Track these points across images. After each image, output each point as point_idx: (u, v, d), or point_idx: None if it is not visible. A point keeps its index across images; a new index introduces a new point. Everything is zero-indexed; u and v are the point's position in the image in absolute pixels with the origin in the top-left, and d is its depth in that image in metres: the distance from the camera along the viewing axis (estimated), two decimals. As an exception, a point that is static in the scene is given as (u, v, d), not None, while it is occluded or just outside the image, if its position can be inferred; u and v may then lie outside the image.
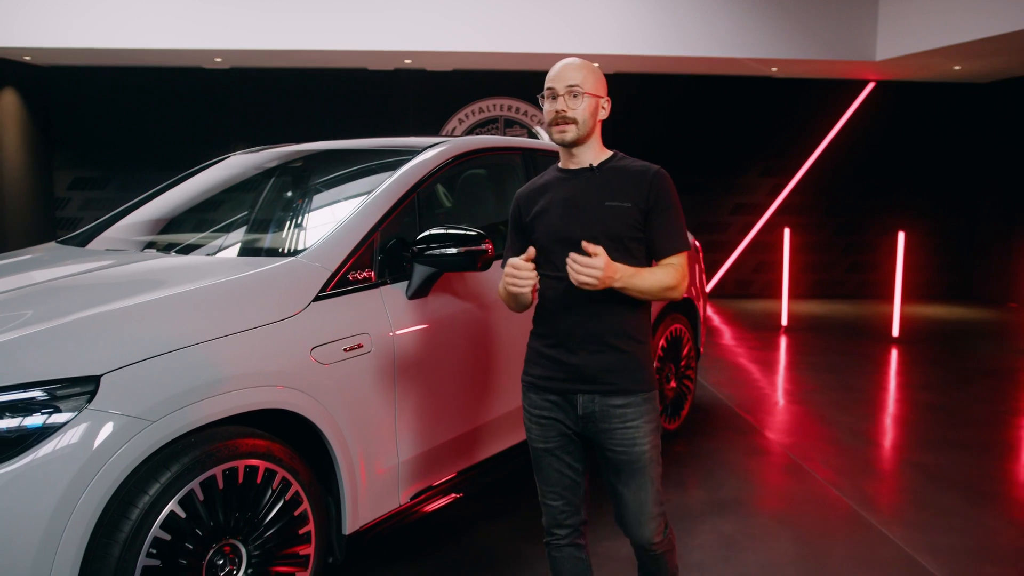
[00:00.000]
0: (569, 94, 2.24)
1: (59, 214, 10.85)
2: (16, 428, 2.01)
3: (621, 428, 2.23)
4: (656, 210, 2.24)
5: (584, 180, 2.29)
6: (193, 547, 2.23)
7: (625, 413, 2.23)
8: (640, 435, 2.23)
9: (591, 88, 2.26)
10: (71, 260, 3.05)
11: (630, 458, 2.23)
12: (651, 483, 2.26)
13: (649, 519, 2.26)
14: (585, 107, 2.25)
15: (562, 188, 2.31)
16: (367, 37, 8.98)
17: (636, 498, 2.26)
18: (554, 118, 2.25)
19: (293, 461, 2.49)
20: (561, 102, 2.24)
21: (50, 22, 8.80)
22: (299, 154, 3.85)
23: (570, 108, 2.24)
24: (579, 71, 2.25)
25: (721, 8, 9.18)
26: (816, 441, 4.87)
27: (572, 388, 2.26)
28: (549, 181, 2.37)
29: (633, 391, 2.24)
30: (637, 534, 2.29)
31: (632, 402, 2.23)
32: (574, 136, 2.26)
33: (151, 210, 3.75)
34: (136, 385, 2.13)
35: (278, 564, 2.46)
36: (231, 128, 10.67)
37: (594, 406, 2.24)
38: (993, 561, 3.30)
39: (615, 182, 2.27)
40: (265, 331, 2.47)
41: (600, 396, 2.23)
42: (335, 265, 2.75)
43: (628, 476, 2.25)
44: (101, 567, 2.05)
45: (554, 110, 2.25)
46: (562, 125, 2.25)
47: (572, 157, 2.33)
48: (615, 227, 2.22)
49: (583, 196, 2.27)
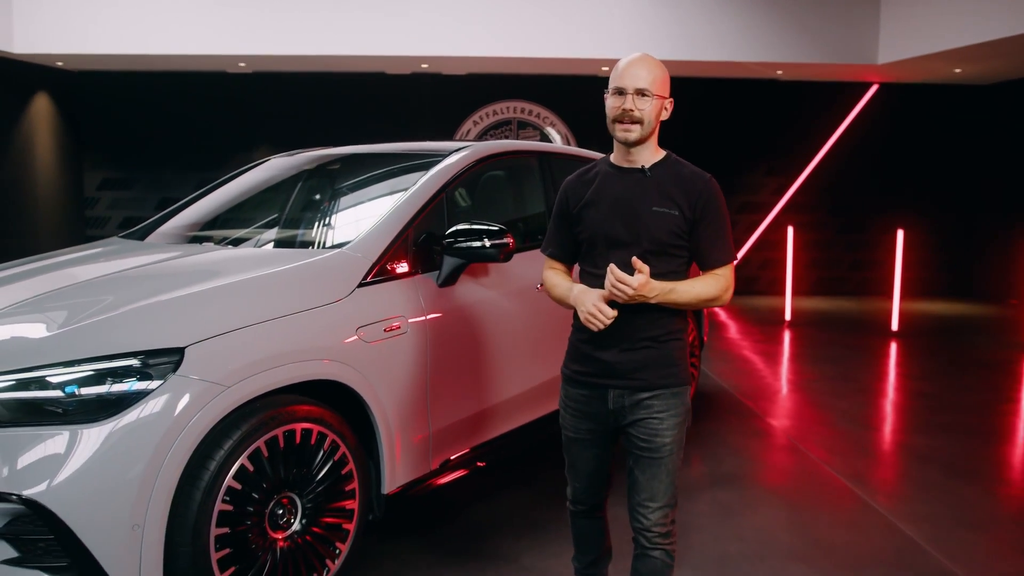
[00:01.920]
0: (638, 94, 2.23)
1: (88, 213, 11.27)
2: (117, 390, 2.38)
3: (647, 418, 2.28)
4: (704, 221, 2.25)
5: (634, 181, 2.29)
6: (258, 496, 2.60)
7: (653, 405, 2.28)
8: (664, 428, 2.29)
9: (659, 90, 2.25)
10: (139, 252, 3.42)
11: (651, 447, 2.30)
12: (667, 474, 2.31)
13: (657, 507, 2.32)
14: (651, 108, 2.24)
15: (611, 185, 2.31)
16: (385, 43, 9.36)
17: (649, 485, 2.32)
18: (620, 115, 2.24)
19: (341, 427, 2.85)
20: (629, 101, 2.22)
21: (81, 30, 9.22)
22: (335, 157, 4.21)
23: (638, 108, 2.22)
24: (650, 72, 2.24)
25: (727, 14, 9.51)
26: (812, 424, 5.20)
27: (603, 383, 2.32)
28: (598, 174, 2.37)
29: (662, 386, 2.29)
30: (640, 517, 2.34)
31: (661, 395, 2.28)
32: (638, 136, 2.25)
33: (201, 208, 4.11)
34: (213, 356, 2.50)
35: (327, 516, 2.82)
36: (254, 130, 11.07)
37: (624, 400, 2.30)
38: (967, 527, 3.63)
39: (665, 187, 2.26)
40: (317, 312, 2.83)
41: (629, 392, 2.29)
42: (375, 256, 3.11)
43: (646, 463, 2.31)
44: (186, 508, 2.42)
45: (621, 107, 2.23)
46: (627, 124, 2.24)
47: (628, 155, 2.32)
48: (659, 233, 2.22)
49: (631, 197, 2.27)
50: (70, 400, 2.37)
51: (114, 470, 2.31)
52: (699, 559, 3.27)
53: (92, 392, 2.38)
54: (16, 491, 2.26)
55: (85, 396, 2.38)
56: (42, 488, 2.26)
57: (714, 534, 3.53)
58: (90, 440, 2.31)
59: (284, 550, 2.69)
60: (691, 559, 3.26)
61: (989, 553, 3.36)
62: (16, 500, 2.26)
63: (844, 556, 3.32)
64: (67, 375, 2.38)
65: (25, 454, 2.31)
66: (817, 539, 3.49)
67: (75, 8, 9.16)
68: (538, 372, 3.81)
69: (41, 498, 2.24)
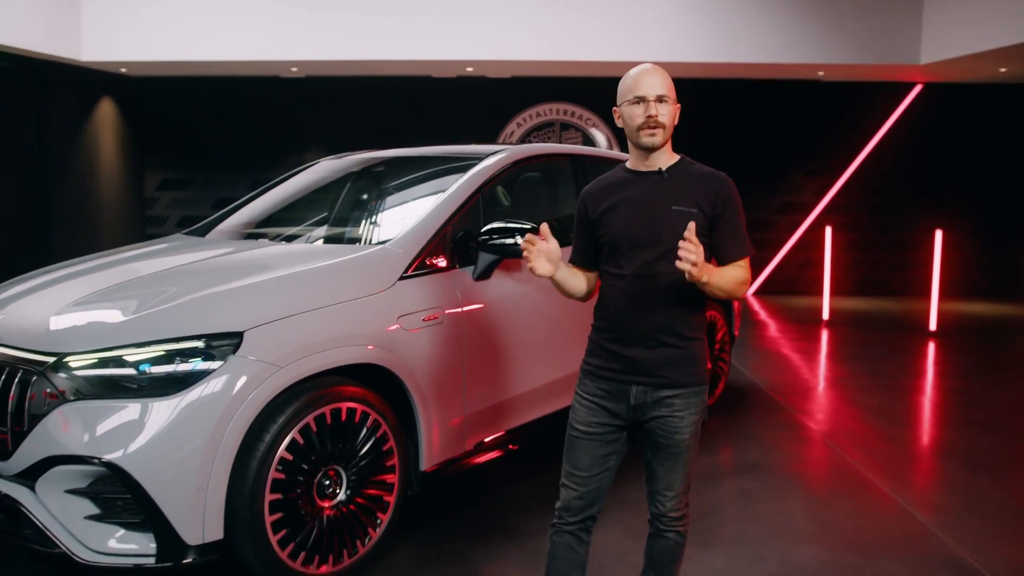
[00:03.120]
0: (658, 100, 2.34)
1: (148, 213, 11.79)
2: (184, 369, 2.68)
3: (668, 416, 2.36)
4: (723, 218, 2.36)
5: (652, 183, 2.40)
6: (307, 467, 2.89)
7: (674, 403, 2.36)
8: (684, 425, 2.37)
9: (673, 95, 2.39)
10: (201, 248, 3.74)
11: (669, 443, 2.38)
12: (683, 466, 2.42)
13: (674, 495, 2.43)
14: (670, 114, 2.37)
15: (630, 189, 2.42)
16: (432, 47, 9.67)
17: (667, 476, 2.42)
18: (646, 122, 2.34)
19: (383, 407, 3.13)
20: (652, 107, 2.33)
21: (143, 38, 9.71)
22: (381, 159, 4.50)
23: (660, 113, 2.34)
24: (664, 80, 2.37)
25: (767, 15, 9.62)
26: (839, 419, 5.35)
27: (627, 380, 2.38)
28: (617, 181, 2.47)
29: (685, 384, 2.36)
30: (658, 503, 2.45)
31: (682, 394, 2.36)
32: (662, 139, 2.36)
33: (256, 207, 4.44)
34: (269, 339, 2.80)
35: (369, 488, 3.10)
36: (305, 132, 11.48)
37: (646, 397, 2.36)
38: (979, 516, 3.76)
39: (683, 187, 2.37)
40: (363, 302, 3.12)
41: (653, 389, 2.36)
42: (416, 252, 3.38)
43: (664, 457, 2.41)
44: (243, 476, 2.71)
45: (646, 115, 2.33)
46: (653, 129, 2.34)
47: (645, 159, 2.41)
48: (680, 232, 2.25)
49: (651, 199, 2.37)
50: (143, 377, 2.69)
51: (182, 439, 2.61)
52: (716, 538, 3.48)
53: (162, 370, 2.69)
54: (98, 455, 2.58)
55: (156, 374, 2.69)
56: (120, 453, 2.58)
57: (733, 516, 3.73)
58: (161, 412, 2.62)
59: (330, 518, 2.97)
60: (708, 538, 3.47)
61: (998, 540, 3.50)
62: (98, 463, 2.58)
63: (855, 539, 3.49)
64: (141, 355, 2.70)
65: (104, 423, 2.63)
66: (831, 523, 3.67)
67: (138, 18, 9.64)
68: (567, 363, 4.03)
69: (120, 461, 2.56)
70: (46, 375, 2.70)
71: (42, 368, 2.72)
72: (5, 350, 2.85)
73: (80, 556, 2.62)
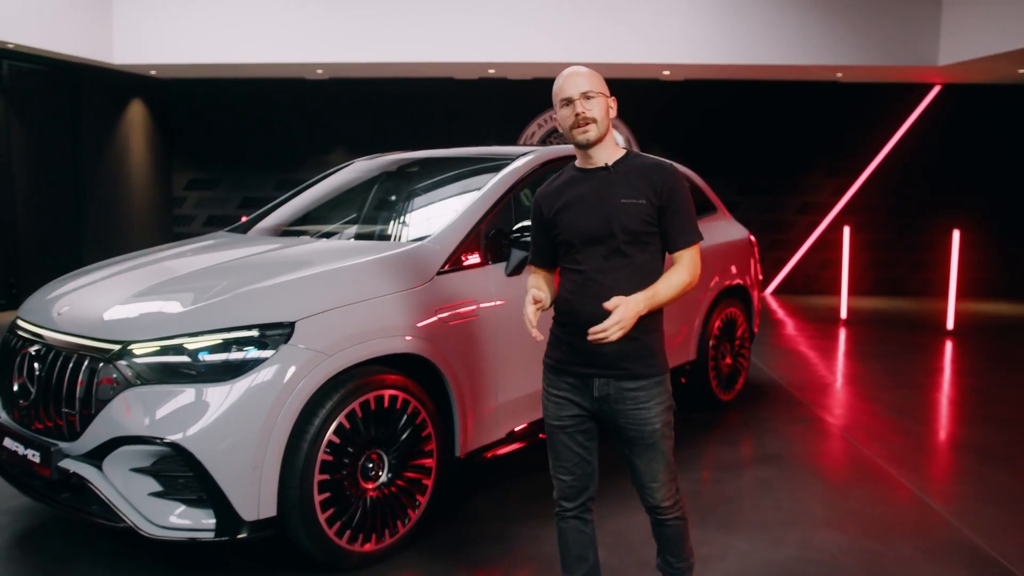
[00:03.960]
0: (584, 97, 2.39)
1: (176, 212, 12.05)
2: (240, 357, 2.87)
3: (634, 409, 2.40)
4: (670, 206, 2.41)
5: (600, 179, 2.44)
6: (353, 450, 3.07)
7: (638, 396, 2.39)
8: (652, 415, 2.40)
9: (600, 89, 2.43)
10: (246, 244, 3.93)
11: (642, 435, 2.41)
12: (662, 456, 2.44)
13: (660, 485, 2.46)
14: (600, 107, 2.40)
15: (580, 187, 2.46)
16: (454, 50, 9.86)
17: (648, 468, 2.45)
18: (575, 121, 2.39)
19: (422, 395, 3.30)
20: (579, 105, 2.38)
21: (173, 42, 9.96)
22: (413, 160, 4.68)
23: (588, 109, 2.38)
24: (587, 78, 2.42)
25: (786, 18, 9.74)
26: (856, 413, 5.48)
27: (589, 372, 2.42)
28: (567, 180, 2.52)
29: (645, 375, 2.40)
30: (648, 497, 2.49)
31: (644, 385, 2.40)
32: (596, 134, 2.40)
33: (294, 206, 4.63)
34: (318, 329, 2.98)
35: (409, 471, 3.28)
36: (329, 133, 11.71)
37: (609, 389, 2.40)
38: (993, 505, 3.89)
39: (629, 180, 2.41)
40: (402, 296, 3.29)
41: (614, 380, 2.40)
42: (451, 249, 3.55)
43: (641, 450, 2.44)
44: (295, 456, 2.90)
45: (574, 114, 2.39)
46: (584, 125, 2.39)
47: (588, 157, 2.46)
48: (630, 223, 2.37)
49: (600, 194, 2.41)
50: (201, 364, 2.88)
51: (238, 421, 2.80)
52: (738, 524, 3.63)
53: (219, 358, 2.88)
54: (161, 436, 2.77)
55: (214, 361, 2.88)
56: (182, 434, 2.77)
57: (753, 504, 3.88)
58: (219, 397, 2.81)
59: (373, 499, 3.15)
60: (731, 523, 3.62)
61: (1011, 528, 3.63)
62: (161, 443, 2.77)
63: (871, 525, 3.64)
64: (200, 343, 2.89)
65: (166, 406, 2.82)
66: (848, 511, 3.81)
67: (168, 22, 9.89)
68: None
69: (183, 442, 2.75)
70: (112, 362, 2.89)
71: (108, 355, 2.91)
72: (72, 339, 3.05)
73: (144, 530, 2.81)
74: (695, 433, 4.96)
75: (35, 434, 3.07)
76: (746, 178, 11.62)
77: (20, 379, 3.17)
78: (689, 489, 4.05)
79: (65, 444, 2.94)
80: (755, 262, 5.88)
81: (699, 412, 5.35)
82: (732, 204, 11.05)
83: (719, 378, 5.36)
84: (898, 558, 3.32)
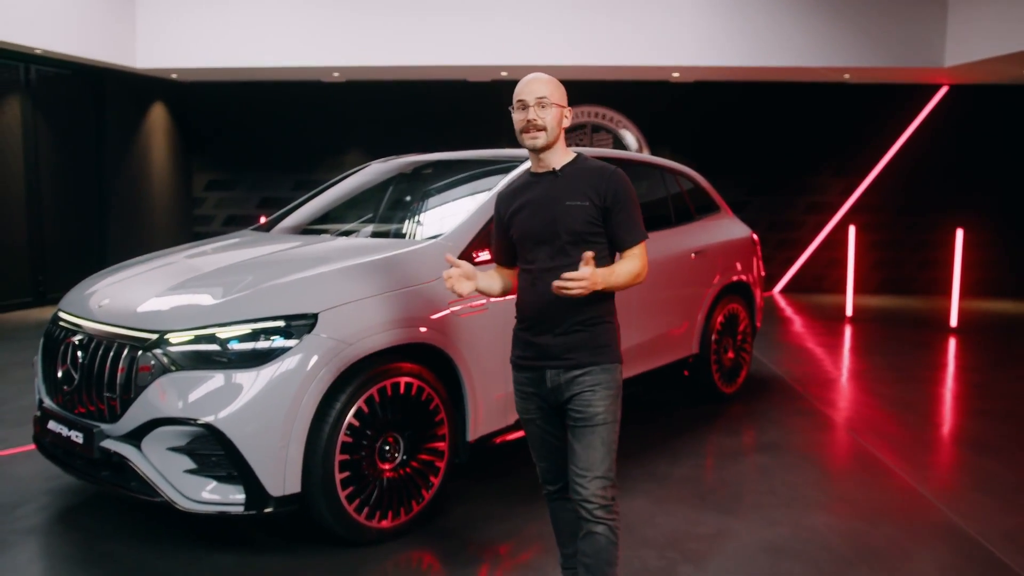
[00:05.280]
0: (538, 104, 2.46)
1: (196, 211, 12.34)
2: (267, 345, 3.10)
3: (579, 393, 2.47)
4: (615, 208, 2.49)
5: (548, 183, 2.54)
6: (371, 433, 3.29)
7: (584, 380, 2.47)
8: (596, 399, 2.45)
9: (557, 99, 2.50)
10: (271, 242, 4.16)
11: (584, 416, 2.46)
12: (602, 444, 2.45)
13: (595, 476, 2.43)
14: (552, 116, 2.48)
15: (532, 190, 2.57)
16: (467, 53, 10.10)
17: (585, 454, 2.45)
18: (525, 126, 2.48)
19: (435, 382, 3.52)
20: (532, 112, 2.46)
21: (193, 46, 10.26)
22: (428, 162, 4.90)
23: (539, 117, 2.46)
24: (546, 85, 2.50)
25: (794, 20, 9.91)
26: (856, 407, 5.66)
27: (541, 365, 2.53)
28: (521, 184, 2.63)
29: (592, 363, 2.48)
30: (579, 487, 2.44)
31: (591, 371, 2.47)
32: (544, 142, 2.49)
33: (315, 206, 4.86)
34: (340, 320, 3.21)
35: (423, 454, 3.50)
36: (345, 134, 11.97)
37: (559, 379, 2.50)
38: (982, 492, 4.08)
39: (574, 183, 2.50)
40: (417, 290, 3.52)
41: (563, 371, 2.49)
42: (463, 246, 3.77)
43: (580, 433, 2.47)
44: (318, 437, 3.13)
45: (525, 119, 2.47)
46: (533, 132, 2.47)
47: (540, 161, 2.56)
48: (574, 225, 2.46)
49: (547, 197, 2.52)
50: (232, 352, 3.12)
51: (266, 404, 3.03)
52: (735, 506, 3.83)
53: (248, 346, 3.12)
54: (196, 417, 3.01)
55: (243, 349, 3.12)
56: (214, 416, 3.00)
57: (751, 488, 4.08)
58: (248, 382, 3.05)
59: (390, 479, 3.38)
60: (728, 506, 3.83)
61: (995, 512, 3.81)
62: (195, 424, 3.01)
63: (861, 508, 3.83)
64: (230, 333, 3.13)
65: (198, 391, 3.06)
66: (840, 495, 4.01)
67: (188, 28, 10.19)
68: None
69: (216, 423, 2.99)
70: (150, 350, 3.13)
71: (146, 344, 3.15)
72: (113, 329, 3.30)
73: (179, 504, 3.05)
74: (698, 423, 5.17)
75: (78, 417, 3.31)
76: (755, 178, 11.79)
77: (64, 367, 3.42)
78: (690, 474, 4.26)
79: (106, 426, 3.19)
80: (757, 260, 6.07)
81: (702, 404, 5.55)
82: (741, 204, 11.28)
83: (721, 371, 5.56)
84: (883, 537, 3.52)
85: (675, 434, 4.95)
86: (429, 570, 3.28)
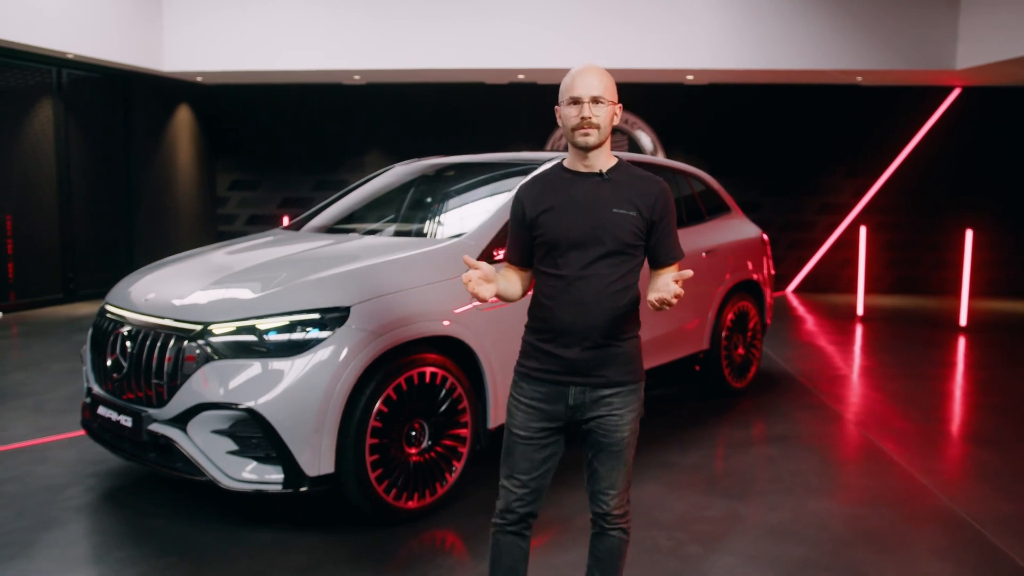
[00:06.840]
0: (592, 102, 2.33)
1: (220, 211, 12.64)
2: (303, 336, 3.34)
3: (607, 415, 2.37)
4: (660, 224, 2.38)
5: (593, 185, 2.38)
6: (399, 419, 3.52)
7: (613, 402, 2.37)
8: (623, 423, 2.39)
9: (610, 96, 2.36)
10: (302, 240, 4.40)
11: (611, 442, 2.39)
12: (624, 464, 2.42)
13: (617, 493, 2.43)
14: (606, 114, 2.35)
15: (570, 189, 2.39)
16: (485, 56, 10.33)
17: (609, 475, 2.42)
18: (579, 123, 2.33)
19: (458, 373, 3.75)
20: (586, 108, 2.32)
21: (218, 50, 10.55)
22: (450, 164, 5.12)
23: (594, 115, 2.32)
24: (601, 80, 2.34)
25: (806, 23, 10.08)
26: (862, 402, 5.85)
27: (566, 380, 2.36)
28: (555, 180, 2.44)
29: (623, 383, 2.38)
30: (602, 503, 2.44)
31: (620, 392, 2.37)
32: (596, 140, 2.35)
33: (341, 206, 5.10)
34: (370, 313, 3.44)
35: (447, 440, 3.73)
36: (365, 136, 12.23)
37: (584, 397, 2.36)
38: (979, 480, 4.27)
39: (623, 190, 2.37)
40: (441, 285, 3.74)
41: (591, 389, 2.36)
42: (484, 244, 3.99)
43: (606, 456, 2.41)
44: (350, 422, 3.36)
45: (580, 116, 2.32)
46: (587, 129, 2.33)
47: (584, 160, 2.39)
48: (620, 233, 2.33)
49: (591, 200, 2.35)
50: (270, 342, 3.36)
51: (302, 390, 3.27)
52: (741, 492, 4.04)
53: (285, 337, 3.36)
54: (238, 402, 3.25)
55: (281, 340, 3.36)
56: (255, 402, 3.24)
57: (757, 476, 4.28)
58: (286, 369, 3.29)
59: (416, 463, 3.60)
60: (734, 492, 4.03)
61: (990, 498, 4.00)
62: (237, 408, 3.25)
63: (861, 495, 4.03)
64: (269, 324, 3.37)
65: (239, 378, 3.30)
66: (842, 483, 4.21)
67: (213, 32, 10.48)
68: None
69: (257, 408, 3.23)
70: (194, 340, 3.38)
71: (191, 335, 3.40)
72: (160, 320, 3.55)
73: (221, 483, 3.29)
74: (708, 416, 5.37)
75: (127, 403, 3.56)
76: (768, 179, 11.95)
77: (113, 356, 3.67)
78: (700, 463, 4.46)
79: (154, 410, 3.44)
80: (767, 259, 6.26)
81: (713, 398, 5.75)
82: (754, 204, 11.45)
83: (731, 367, 5.76)
84: (879, 520, 3.71)
85: (686, 426, 5.16)
86: (452, 548, 3.51)
